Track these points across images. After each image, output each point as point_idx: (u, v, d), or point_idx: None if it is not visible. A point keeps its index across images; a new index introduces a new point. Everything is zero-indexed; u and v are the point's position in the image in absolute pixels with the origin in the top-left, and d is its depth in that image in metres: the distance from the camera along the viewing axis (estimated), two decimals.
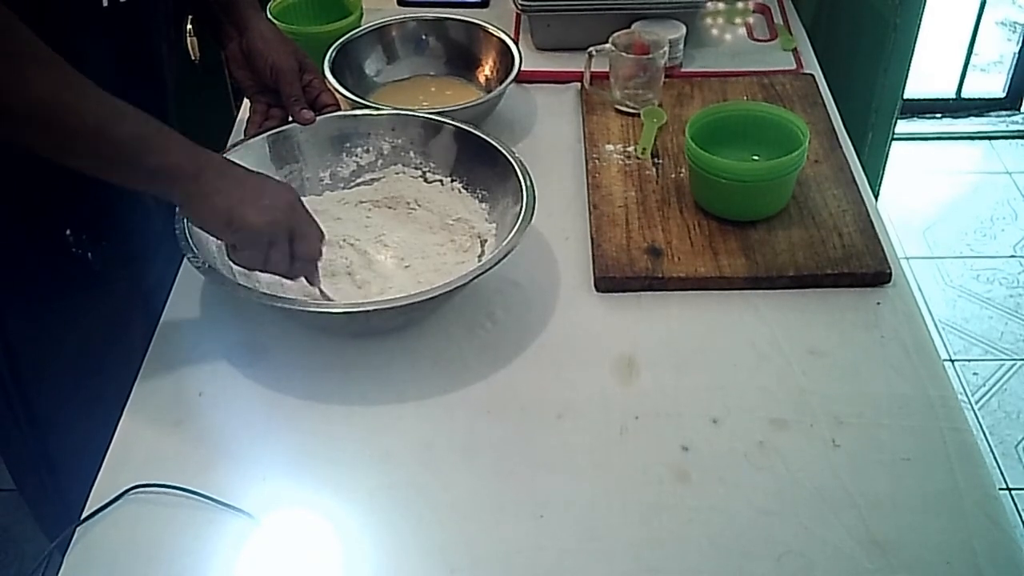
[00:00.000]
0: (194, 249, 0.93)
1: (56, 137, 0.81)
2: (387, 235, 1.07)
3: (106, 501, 0.83)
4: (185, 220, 0.94)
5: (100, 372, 0.99)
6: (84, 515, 0.83)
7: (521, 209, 0.98)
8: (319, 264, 0.94)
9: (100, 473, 0.87)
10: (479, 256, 1.03)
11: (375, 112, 1.14)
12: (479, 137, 1.08)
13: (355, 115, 1.14)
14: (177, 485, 0.84)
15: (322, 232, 0.93)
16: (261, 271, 0.91)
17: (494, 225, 1.05)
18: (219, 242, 1.00)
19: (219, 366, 0.97)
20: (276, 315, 0.99)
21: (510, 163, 1.04)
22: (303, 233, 0.90)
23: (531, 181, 1.01)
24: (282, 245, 0.89)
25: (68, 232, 1.00)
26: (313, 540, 0.82)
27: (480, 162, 1.08)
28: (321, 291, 0.96)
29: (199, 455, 0.88)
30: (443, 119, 1.11)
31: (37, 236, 1.00)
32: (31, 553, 1.74)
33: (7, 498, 1.79)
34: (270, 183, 0.91)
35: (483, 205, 1.08)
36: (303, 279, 0.94)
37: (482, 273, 0.92)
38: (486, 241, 1.04)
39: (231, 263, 0.92)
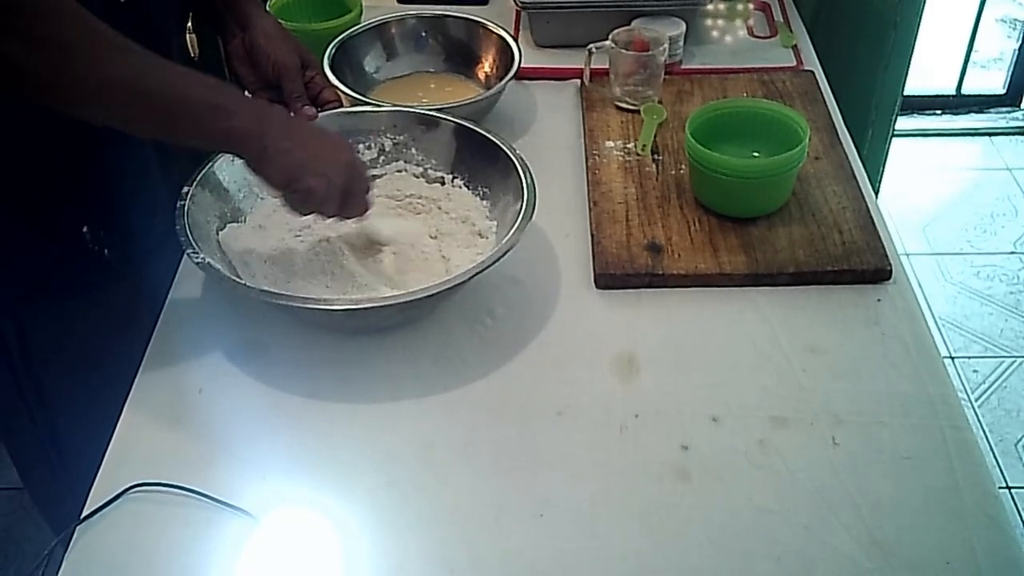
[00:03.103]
0: (195, 245, 0.93)
1: (133, 112, 0.85)
2: (388, 232, 1.07)
3: (106, 500, 0.83)
4: (186, 217, 0.95)
5: (110, 364, 0.99)
6: (84, 514, 0.83)
7: (522, 206, 0.98)
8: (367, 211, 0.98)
9: (100, 472, 0.87)
10: (479, 253, 1.02)
11: (376, 109, 1.14)
12: (480, 134, 1.08)
13: (357, 112, 1.14)
14: (177, 484, 0.84)
15: (370, 185, 0.97)
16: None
17: (495, 222, 1.05)
18: (219, 238, 1.00)
19: (219, 364, 0.96)
20: (276, 312, 0.99)
21: (511, 160, 1.04)
22: (353, 191, 0.94)
23: (532, 178, 1.01)
24: (334, 202, 0.93)
25: (85, 229, 1.01)
26: (313, 539, 0.82)
27: (481, 159, 1.08)
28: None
29: (199, 453, 0.88)
30: (444, 116, 1.11)
31: (55, 233, 1.01)
32: (31, 553, 1.74)
33: (8, 497, 1.79)
34: (329, 142, 0.95)
35: (484, 202, 1.08)
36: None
37: (483, 270, 0.92)
38: (487, 238, 1.04)
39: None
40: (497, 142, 1.06)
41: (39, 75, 0.80)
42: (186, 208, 0.96)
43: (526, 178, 1.01)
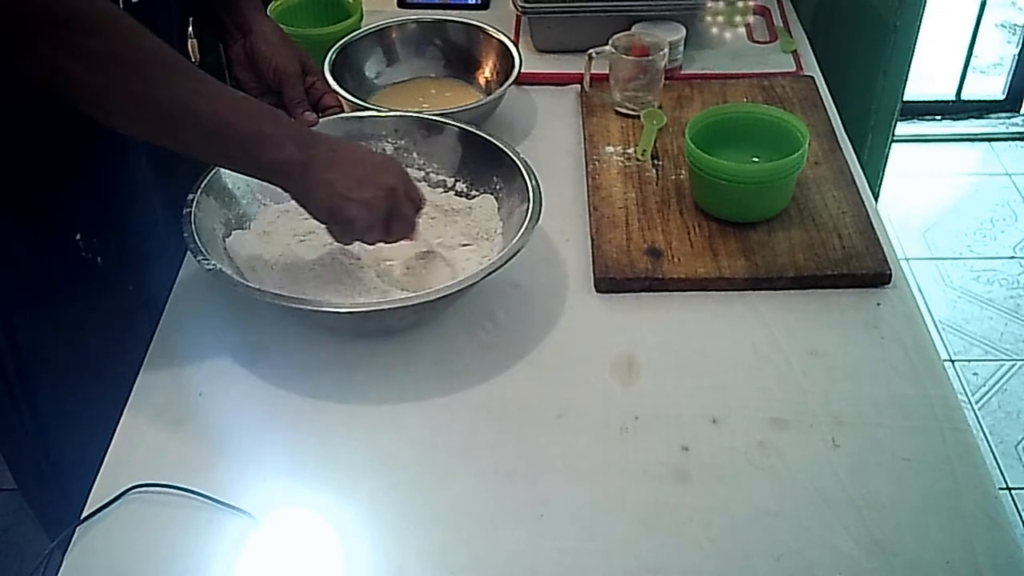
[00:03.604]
0: (204, 251, 0.93)
1: (171, 133, 0.85)
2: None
3: (106, 501, 0.83)
4: (193, 224, 0.95)
5: (103, 372, 0.99)
6: (84, 515, 0.83)
7: (528, 207, 0.98)
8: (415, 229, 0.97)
9: (100, 473, 0.87)
10: (485, 256, 1.03)
11: (378, 114, 1.15)
12: (483, 138, 1.08)
13: (358, 117, 1.14)
14: (177, 485, 0.84)
15: (421, 202, 0.97)
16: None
17: (500, 225, 1.05)
18: (227, 243, 1.01)
19: (219, 366, 0.97)
20: (277, 315, 0.99)
21: (515, 163, 1.04)
22: (400, 215, 0.94)
23: (537, 180, 1.01)
24: (377, 231, 0.93)
25: (78, 236, 1.01)
26: (313, 540, 0.82)
27: (485, 162, 1.08)
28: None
29: (199, 455, 0.88)
30: (446, 120, 1.11)
31: (48, 240, 1.01)
32: (31, 553, 1.74)
33: (7, 498, 1.79)
34: (375, 166, 0.94)
35: (488, 206, 1.08)
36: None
37: (494, 271, 0.93)
38: (491, 240, 1.04)
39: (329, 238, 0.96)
40: (501, 146, 1.07)
41: (91, 90, 0.80)
42: (193, 215, 0.96)
43: (531, 180, 1.01)
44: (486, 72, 1.32)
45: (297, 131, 0.90)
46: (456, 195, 1.11)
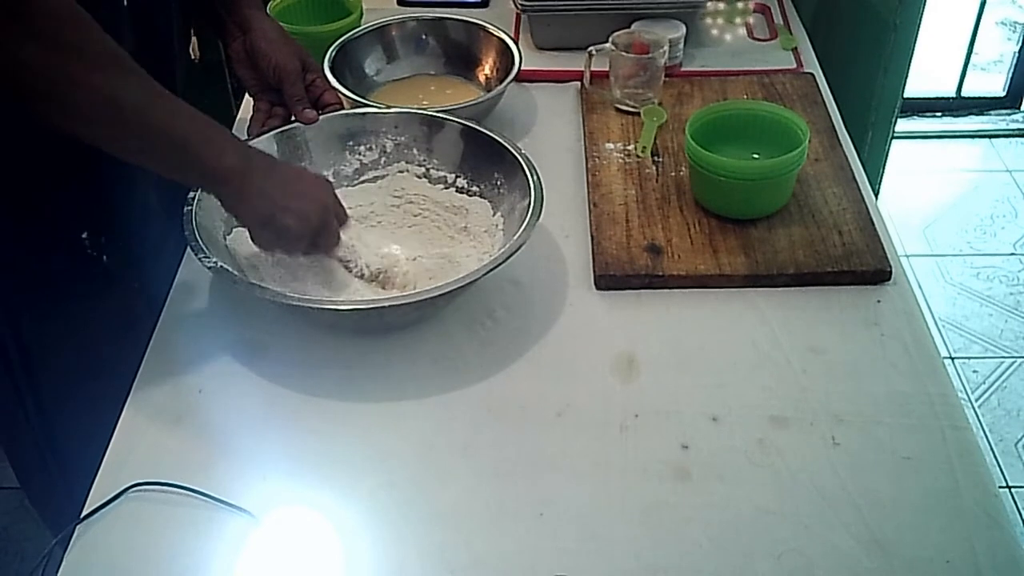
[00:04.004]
0: (206, 249, 0.93)
1: (119, 133, 0.85)
2: (392, 232, 1.07)
3: (106, 499, 0.83)
4: (195, 222, 0.95)
5: (107, 369, 0.99)
6: (84, 513, 0.83)
7: (529, 204, 0.98)
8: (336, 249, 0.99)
9: (100, 471, 0.87)
10: (485, 252, 1.03)
11: (379, 111, 1.15)
12: (484, 134, 1.08)
13: (359, 114, 1.14)
14: (177, 483, 0.84)
15: (345, 219, 0.99)
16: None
17: (501, 220, 1.05)
18: (228, 241, 1.00)
19: (219, 364, 0.97)
20: (277, 312, 0.99)
21: (517, 159, 1.04)
22: (328, 232, 0.96)
23: (538, 176, 1.01)
24: (304, 241, 0.94)
25: (85, 235, 1.01)
26: (313, 539, 0.82)
27: (485, 158, 1.08)
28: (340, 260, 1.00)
29: (199, 453, 0.88)
30: (447, 117, 1.11)
31: (55, 238, 1.01)
32: (31, 552, 1.74)
33: (8, 496, 1.79)
34: (309, 183, 0.96)
35: (489, 202, 1.08)
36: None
37: (496, 267, 0.93)
38: (493, 236, 1.04)
39: (249, 245, 0.96)
40: (502, 141, 1.07)
41: (45, 77, 0.79)
42: (194, 213, 0.96)
43: (533, 176, 1.01)
44: (486, 69, 1.32)
45: (236, 143, 0.92)
46: (457, 191, 1.10)
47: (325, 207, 0.95)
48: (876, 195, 1.66)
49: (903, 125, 2.60)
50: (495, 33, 1.31)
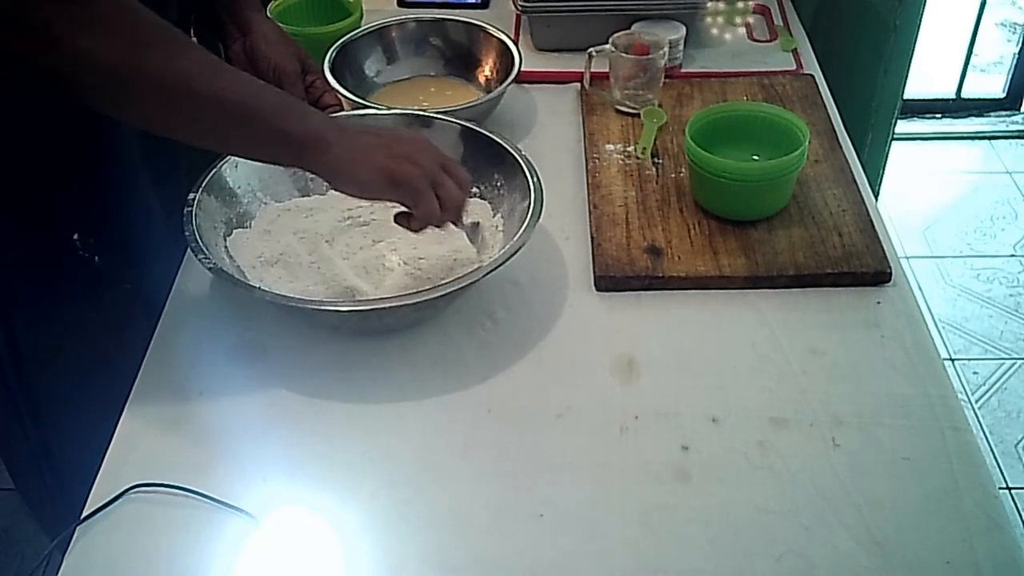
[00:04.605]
0: (205, 250, 0.93)
1: (199, 111, 0.81)
2: (392, 233, 1.07)
3: (106, 500, 0.83)
4: (194, 223, 0.95)
5: (102, 372, 0.99)
6: (84, 515, 0.83)
7: (530, 204, 0.98)
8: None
9: (100, 473, 0.87)
10: (486, 253, 1.03)
11: (378, 112, 1.15)
12: (484, 135, 1.08)
13: (359, 115, 1.14)
14: (177, 485, 0.84)
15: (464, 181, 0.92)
16: (439, 225, 0.90)
17: (501, 221, 1.05)
18: (226, 244, 1.00)
19: (219, 366, 0.97)
20: (278, 314, 0.99)
21: (516, 161, 1.04)
22: (451, 165, 0.90)
23: (538, 178, 1.01)
24: (446, 183, 0.87)
25: (76, 236, 1.01)
26: (313, 540, 0.82)
27: (486, 160, 1.08)
28: (465, 228, 0.97)
29: (199, 455, 0.88)
30: (447, 118, 1.11)
31: (46, 239, 1.00)
32: (31, 553, 1.74)
33: (7, 498, 1.79)
34: (400, 132, 0.92)
35: (489, 203, 1.08)
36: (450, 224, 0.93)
37: (495, 268, 0.93)
38: (493, 237, 1.04)
39: (409, 233, 0.91)
40: (502, 143, 1.07)
41: (110, 70, 0.77)
42: (193, 214, 0.96)
43: (533, 178, 1.01)
44: (486, 71, 1.32)
45: (315, 109, 0.86)
46: None
47: (431, 145, 0.88)
48: (876, 196, 1.66)
49: (903, 126, 2.61)
50: (495, 34, 1.31)
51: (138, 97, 0.80)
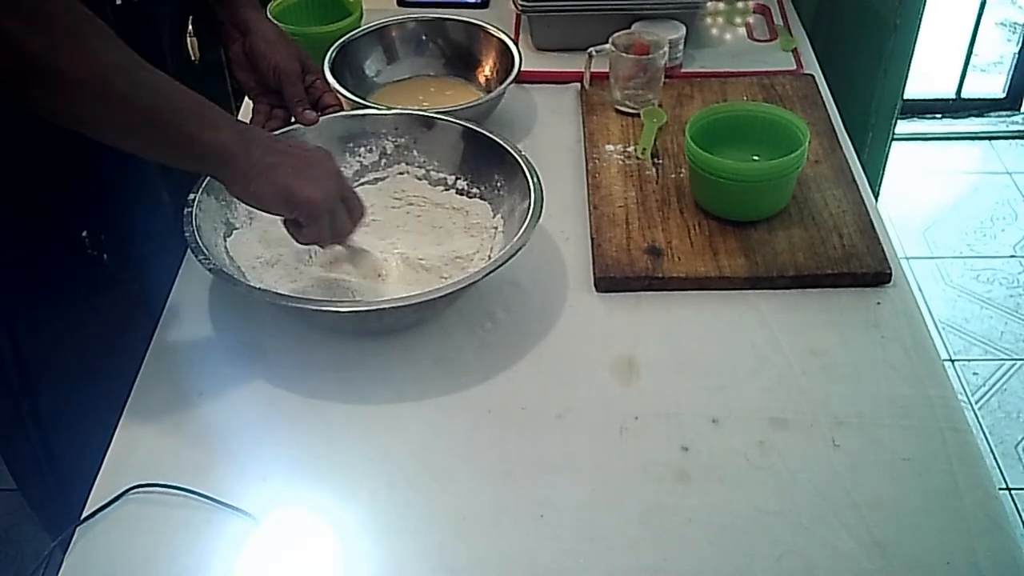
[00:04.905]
0: (204, 251, 0.93)
1: (117, 111, 0.81)
2: (392, 234, 1.07)
3: (106, 501, 0.83)
4: (194, 223, 0.95)
5: (102, 372, 0.99)
6: (84, 515, 0.83)
7: (529, 205, 0.98)
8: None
9: (100, 473, 0.87)
10: (486, 254, 1.03)
11: (378, 112, 1.15)
12: (484, 135, 1.08)
13: (359, 115, 1.14)
14: (177, 485, 0.84)
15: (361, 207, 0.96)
16: (322, 245, 0.95)
17: (501, 222, 1.05)
18: (226, 244, 1.00)
19: (219, 366, 0.97)
20: (277, 314, 0.99)
21: (517, 161, 1.04)
22: (350, 197, 0.94)
23: (538, 178, 1.01)
24: (340, 212, 0.91)
25: (84, 234, 1.01)
26: (313, 540, 0.82)
27: (485, 160, 1.08)
28: (350, 248, 1.00)
29: (199, 455, 0.88)
30: (448, 118, 1.11)
31: (55, 237, 1.01)
32: (31, 553, 1.74)
33: (8, 498, 1.79)
34: (310, 152, 0.93)
35: (489, 203, 1.08)
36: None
37: (495, 269, 0.92)
38: (493, 238, 1.04)
39: (294, 242, 0.94)
40: (502, 143, 1.07)
41: (36, 57, 0.76)
42: (194, 215, 0.96)
43: (533, 178, 1.01)
44: (486, 71, 1.32)
45: (229, 117, 0.87)
46: (457, 193, 1.10)
47: (337, 172, 0.92)
48: (876, 197, 1.66)
49: (903, 127, 2.60)
50: (495, 34, 1.31)
51: (49, 90, 0.79)
